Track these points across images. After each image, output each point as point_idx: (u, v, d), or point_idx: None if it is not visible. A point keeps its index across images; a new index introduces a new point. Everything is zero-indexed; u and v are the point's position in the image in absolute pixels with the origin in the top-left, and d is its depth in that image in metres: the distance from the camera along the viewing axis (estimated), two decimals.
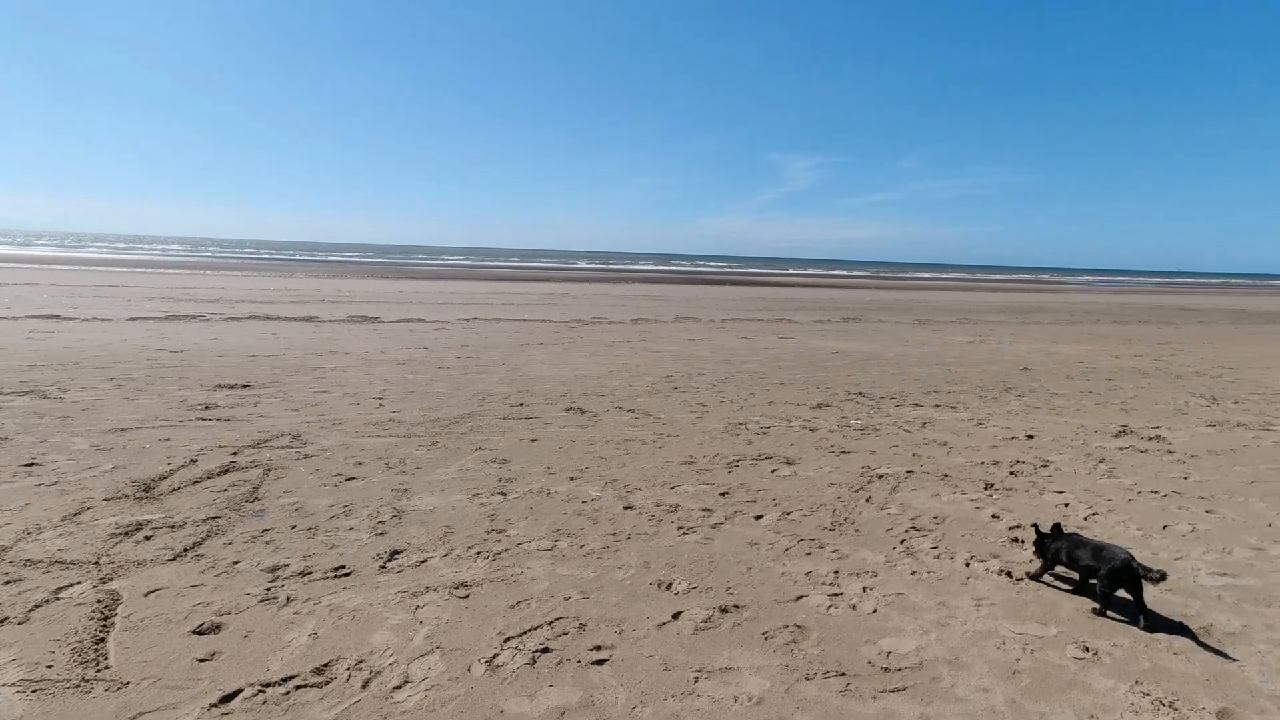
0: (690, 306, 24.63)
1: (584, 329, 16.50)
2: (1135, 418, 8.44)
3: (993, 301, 34.81)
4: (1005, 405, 8.99)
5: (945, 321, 21.68)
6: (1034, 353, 14.47)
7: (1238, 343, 17.91)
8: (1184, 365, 13.20)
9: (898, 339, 16.37)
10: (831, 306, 26.79)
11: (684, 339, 15.04)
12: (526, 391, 9.00)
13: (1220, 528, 4.95)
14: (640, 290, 34.01)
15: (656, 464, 6.10)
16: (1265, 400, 9.83)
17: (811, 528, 4.75)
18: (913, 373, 11.41)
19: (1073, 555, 3.80)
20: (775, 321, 19.87)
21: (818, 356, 12.99)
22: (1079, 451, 6.87)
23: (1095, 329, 20.81)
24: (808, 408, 8.54)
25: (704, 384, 9.88)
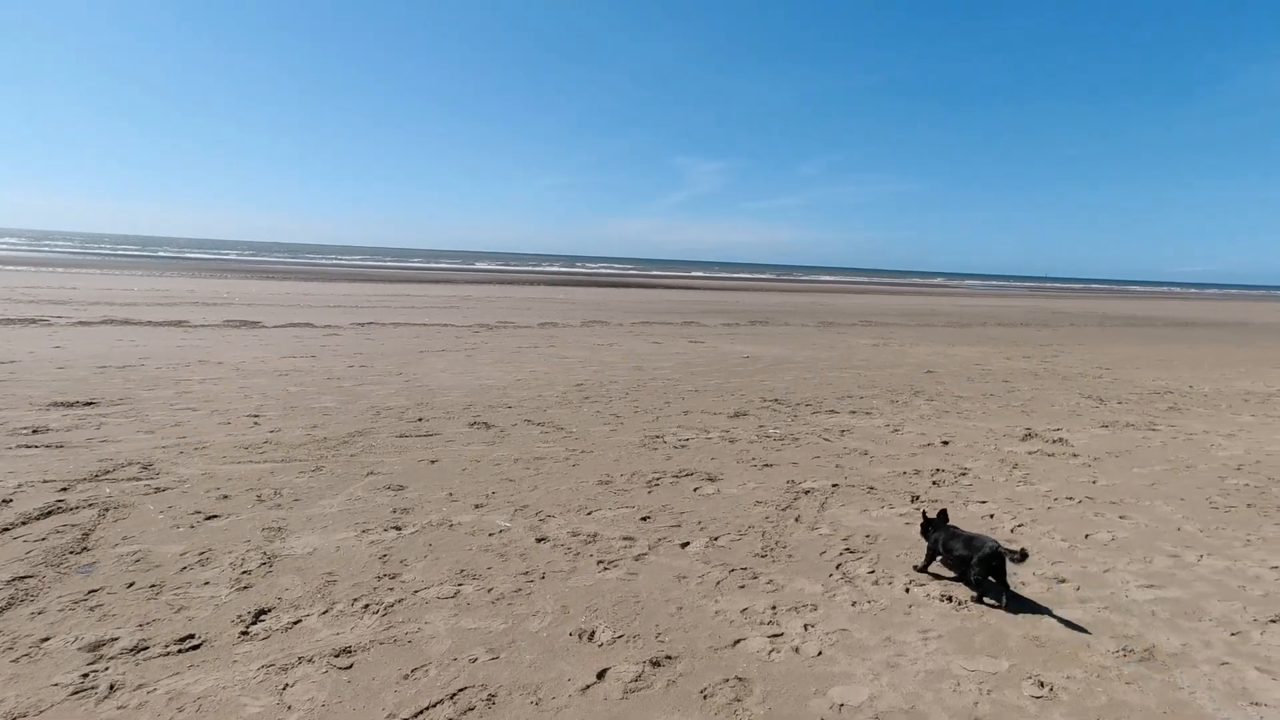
0: (598, 310, 24.20)
1: (489, 334, 15.74)
2: (1036, 420, 8.67)
3: (890, 304, 36.34)
4: (916, 410, 9.05)
5: (849, 324, 22.26)
6: (934, 355, 14.93)
7: (1107, 344, 19.26)
8: (1068, 366, 13.94)
9: (806, 342, 16.55)
10: (739, 309, 27.04)
11: (593, 344, 14.57)
12: (426, 404, 8.27)
13: (1136, 535, 4.97)
14: (546, 293, 33.26)
15: (571, 485, 5.60)
16: (1143, 400, 10.40)
17: (742, 555, 4.39)
18: (824, 377, 11.42)
19: (948, 546, 4.00)
20: (685, 325, 19.74)
21: (730, 361, 12.85)
22: (993, 457, 6.90)
23: (984, 331, 21.92)
24: (725, 417, 8.27)
25: (616, 393, 9.45)
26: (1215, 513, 5.50)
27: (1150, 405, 9.96)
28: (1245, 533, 5.10)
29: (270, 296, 23.86)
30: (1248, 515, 5.46)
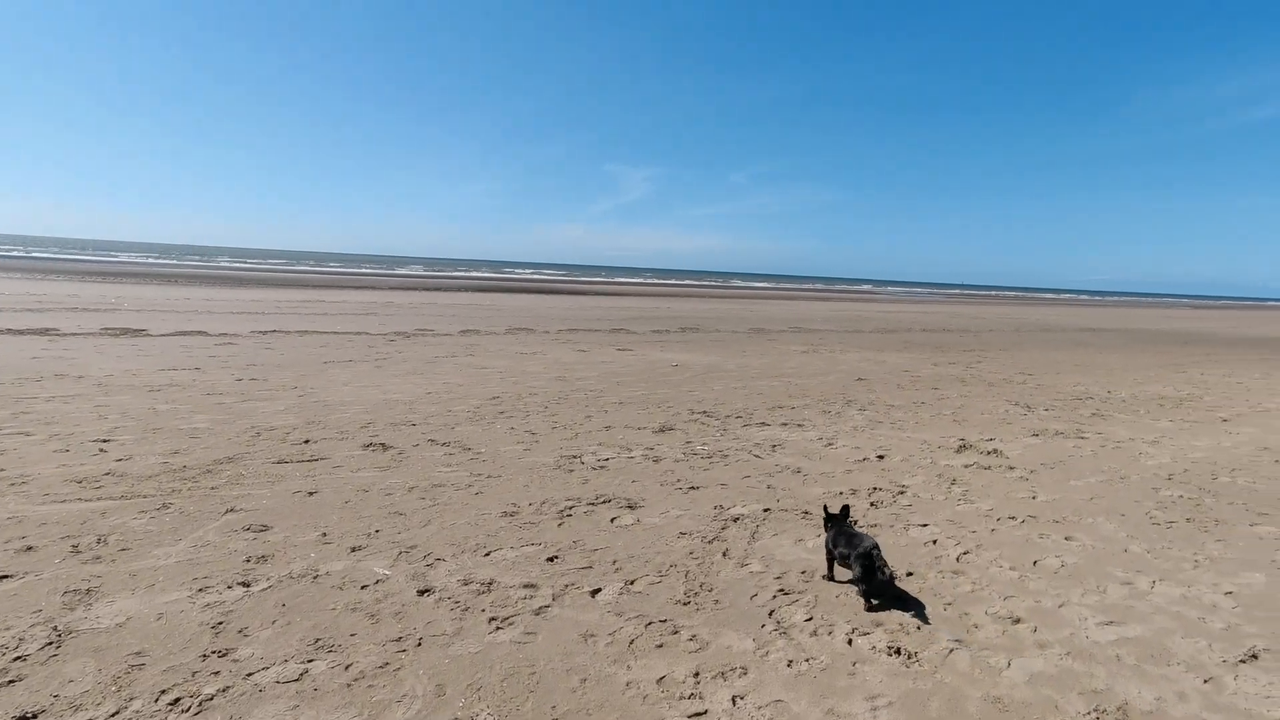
0: (525, 317, 23.34)
1: (404, 343, 14.72)
2: (969, 429, 8.43)
3: (819, 311, 36.71)
4: (849, 420, 8.69)
5: (779, 331, 22.13)
6: (864, 362, 14.79)
7: (1025, 350, 19.70)
8: (992, 372, 14.01)
9: (737, 350, 16.19)
10: (669, 316, 26.64)
11: (516, 353, 13.78)
12: (318, 423, 7.36)
13: (1085, 559, 4.62)
14: (473, 299, 32.09)
15: (470, 518, 4.88)
16: (1066, 406, 10.39)
17: (662, 602, 3.78)
18: (755, 386, 11.00)
19: (834, 541, 3.99)
20: (613, 332, 19.13)
21: (658, 370, 12.30)
22: (930, 472, 6.54)
23: (911, 337, 22.16)
24: (650, 432, 7.68)
25: (535, 406, 8.73)
26: (1158, 530, 5.24)
27: (1075, 411, 9.93)
28: (1191, 552, 4.83)
29: (166, 302, 21.98)
30: (1189, 531, 5.22)
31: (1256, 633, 3.73)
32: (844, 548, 3.89)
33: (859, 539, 3.84)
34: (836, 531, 4.00)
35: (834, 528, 4.04)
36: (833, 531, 4.02)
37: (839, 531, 3.98)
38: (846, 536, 3.92)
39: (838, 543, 3.95)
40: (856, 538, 3.86)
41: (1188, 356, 19.18)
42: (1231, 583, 4.35)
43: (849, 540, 3.88)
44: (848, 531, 3.96)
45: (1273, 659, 3.48)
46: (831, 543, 4.00)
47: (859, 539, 3.84)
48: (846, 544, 3.88)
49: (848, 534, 3.93)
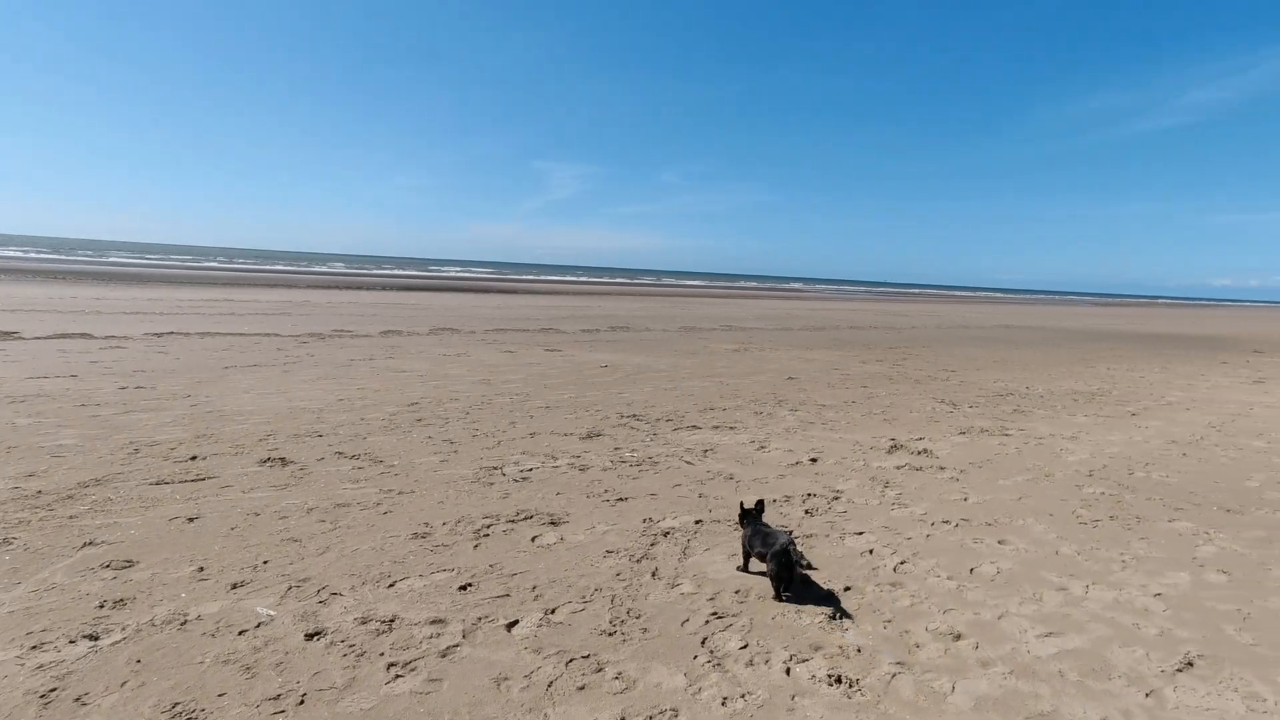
0: (451, 316, 22.54)
1: (318, 345, 13.85)
2: (899, 429, 8.42)
3: (750, 309, 37.04)
4: (782, 422, 8.55)
5: (711, 330, 22.08)
6: (795, 360, 14.82)
7: (948, 346, 20.27)
8: (918, 370, 14.26)
9: (668, 349, 15.98)
10: (600, 315, 26.27)
11: (439, 354, 13.15)
12: (209, 436, 6.68)
13: (1019, 564, 4.53)
14: (397, 298, 30.88)
15: (375, 543, 4.41)
16: (990, 402, 10.60)
17: (585, 634, 3.44)
18: (686, 387, 10.78)
19: (751, 542, 4.08)
20: (542, 332, 18.63)
21: (587, 371, 11.93)
22: (863, 475, 6.42)
23: (839, 335, 22.51)
24: (577, 438, 7.31)
25: (455, 412, 8.23)
26: (1085, 529, 5.23)
27: (997, 408, 10.11)
28: (1118, 552, 4.82)
29: (47, 301, 20.15)
30: (1114, 530, 5.24)
31: (1188, 637, 3.68)
32: (760, 546, 3.99)
33: (774, 536, 3.94)
34: (753, 531, 4.10)
35: (750, 524, 4.17)
36: (749, 529, 4.14)
37: (755, 531, 4.09)
38: (762, 535, 4.03)
39: (754, 542, 4.06)
40: (771, 535, 3.97)
41: (1094, 352, 20.14)
42: (1159, 583, 4.33)
43: (764, 539, 3.99)
44: (764, 530, 4.07)
45: (1207, 665, 3.42)
46: (749, 542, 4.10)
47: (774, 536, 3.94)
48: (762, 542, 3.99)
49: (764, 533, 4.04)
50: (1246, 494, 6.32)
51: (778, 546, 3.83)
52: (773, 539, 3.93)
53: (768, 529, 4.09)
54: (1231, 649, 3.59)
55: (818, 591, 4.00)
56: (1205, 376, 15.01)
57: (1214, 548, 4.99)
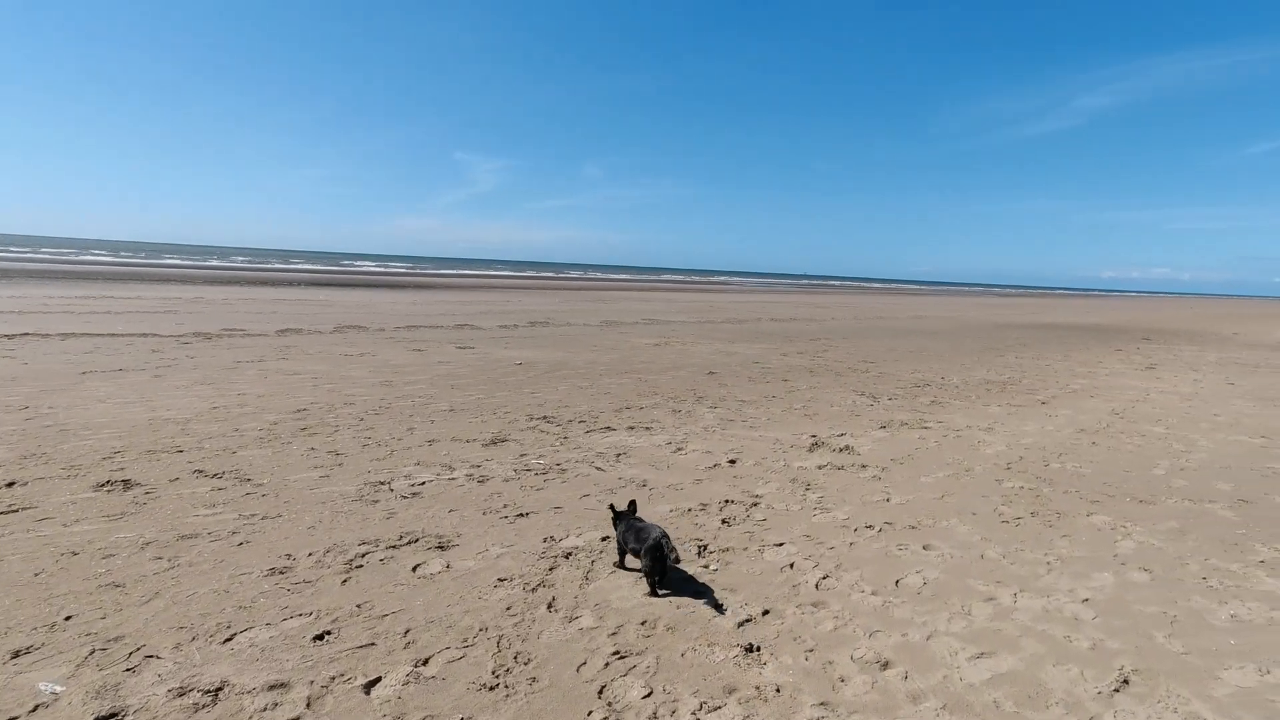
0: (360, 313, 21.28)
1: (202, 346, 12.63)
2: (820, 424, 8.19)
3: (673, 303, 36.85)
4: (700, 420, 8.18)
5: (631, 324, 21.66)
6: (715, 354, 14.55)
7: (866, 338, 20.54)
8: (837, 361, 14.25)
9: (586, 344, 15.45)
10: (519, 310, 25.44)
11: (339, 355, 12.19)
12: (40, 455, 5.74)
13: (945, 573, 4.26)
14: (303, 295, 29.09)
15: (220, 583, 3.72)
16: (908, 394, 10.57)
17: (461, 689, 2.90)
18: (603, 384, 10.29)
19: (625, 539, 4.02)
20: (457, 329, 17.75)
21: (500, 370, 11.26)
22: (784, 477, 6.09)
23: (760, 328, 22.50)
24: (480, 445, 6.71)
25: (348, 419, 7.47)
26: (1008, 529, 5.05)
27: (915, 399, 10.08)
28: (1043, 553, 4.63)
29: None
30: (1036, 528, 5.07)
31: (1120, 648, 3.46)
32: (634, 542, 3.92)
33: (647, 531, 3.86)
34: (626, 527, 4.04)
35: (623, 523, 4.09)
36: (622, 528, 4.07)
37: (629, 527, 4.02)
38: (635, 531, 3.95)
39: (628, 539, 3.99)
40: (644, 531, 3.89)
41: (1002, 342, 20.83)
42: (1085, 587, 4.14)
43: (638, 534, 3.91)
44: (636, 525, 3.98)
45: (1142, 682, 3.19)
46: (623, 539, 4.05)
47: (647, 531, 3.86)
48: (635, 538, 3.92)
49: (636, 528, 3.97)
50: (1155, 483, 6.34)
51: (650, 541, 3.77)
52: (645, 534, 3.85)
53: (641, 524, 4.00)
54: (1163, 660, 3.38)
55: (733, 618, 3.59)
56: (1103, 364, 15.64)
57: (1132, 543, 4.88)
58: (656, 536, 3.77)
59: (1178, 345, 21.69)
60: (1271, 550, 4.86)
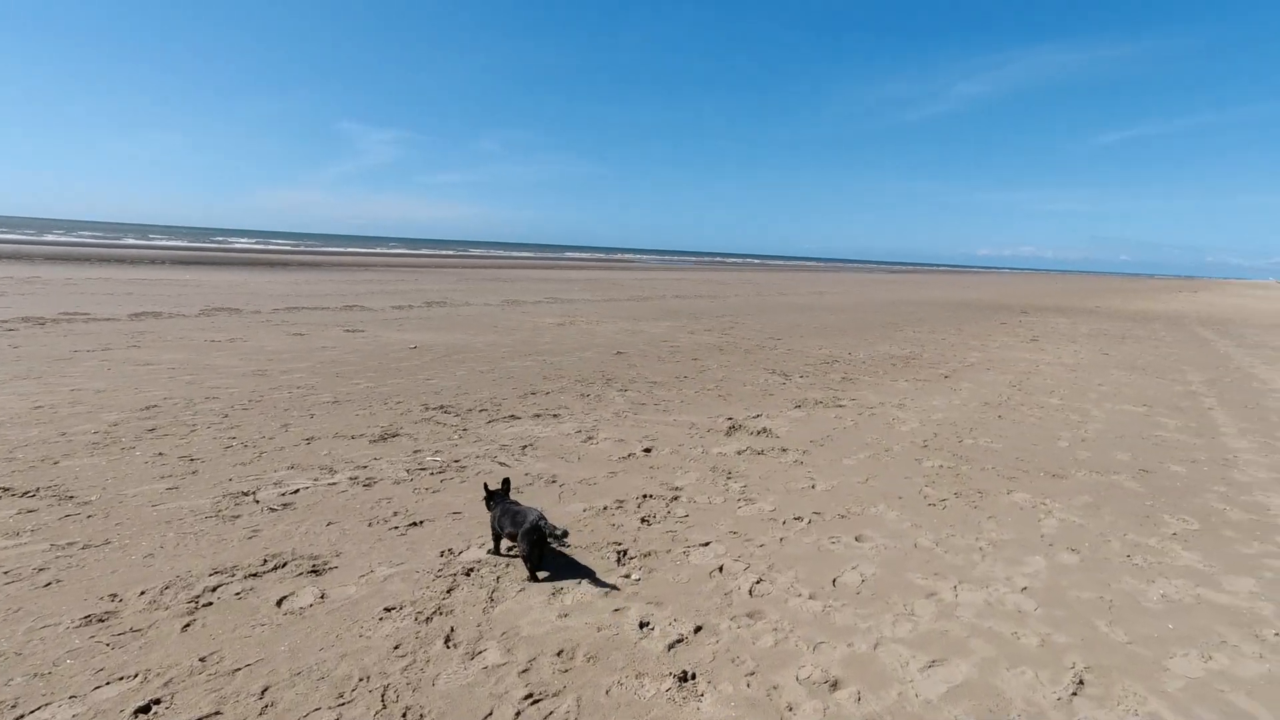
0: (232, 294, 19.37)
1: (30, 333, 10.92)
2: (735, 406, 7.89)
3: (577, 280, 36.09)
4: (611, 405, 7.70)
5: (534, 302, 20.87)
6: (622, 333, 14.10)
7: (771, 315, 20.67)
8: (746, 339, 14.12)
9: (487, 325, 14.61)
10: (414, 290, 24.02)
11: (204, 340, 10.85)
12: None
13: (882, 567, 3.99)
14: (165, 274, 26.31)
15: (10, 643, 2.91)
16: (818, 371, 10.51)
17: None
18: (505, 368, 9.61)
19: (500, 522, 3.83)
20: (345, 310, 16.42)
21: (392, 354, 10.34)
22: (703, 465, 5.71)
23: (664, 304, 22.24)
24: (367, 441, 5.96)
25: (209, 416, 6.49)
26: (936, 512, 4.88)
27: (826, 376, 10.01)
28: (974, 537, 4.46)
29: None
30: (963, 511, 4.93)
31: (1067, 642, 3.28)
32: (510, 525, 3.74)
33: (523, 514, 3.70)
34: (502, 510, 3.85)
35: (498, 505, 3.89)
36: (497, 510, 3.87)
37: (504, 509, 3.83)
38: (511, 513, 3.77)
39: (503, 522, 3.81)
40: (521, 513, 3.72)
41: (899, 316, 21.51)
42: (1021, 574, 3.98)
43: (514, 517, 3.74)
44: (512, 508, 3.80)
45: (1097, 681, 3.00)
46: (498, 522, 3.85)
47: (523, 514, 3.70)
48: (511, 521, 3.74)
49: (512, 510, 3.79)
50: (1061, 455, 6.42)
51: (527, 524, 3.60)
52: (522, 516, 3.68)
53: (517, 506, 3.81)
54: (1111, 653, 3.21)
55: (661, 639, 3.14)
56: (993, 337, 16.35)
57: (1055, 520, 4.81)
58: (534, 519, 3.61)
59: (1052, 318, 23.16)
60: (1179, 521, 4.93)
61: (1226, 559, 4.31)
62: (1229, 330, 20.84)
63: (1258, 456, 6.66)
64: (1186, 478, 5.90)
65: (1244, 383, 10.96)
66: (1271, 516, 5.10)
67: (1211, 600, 3.78)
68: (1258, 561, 4.31)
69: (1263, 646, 3.34)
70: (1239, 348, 16.14)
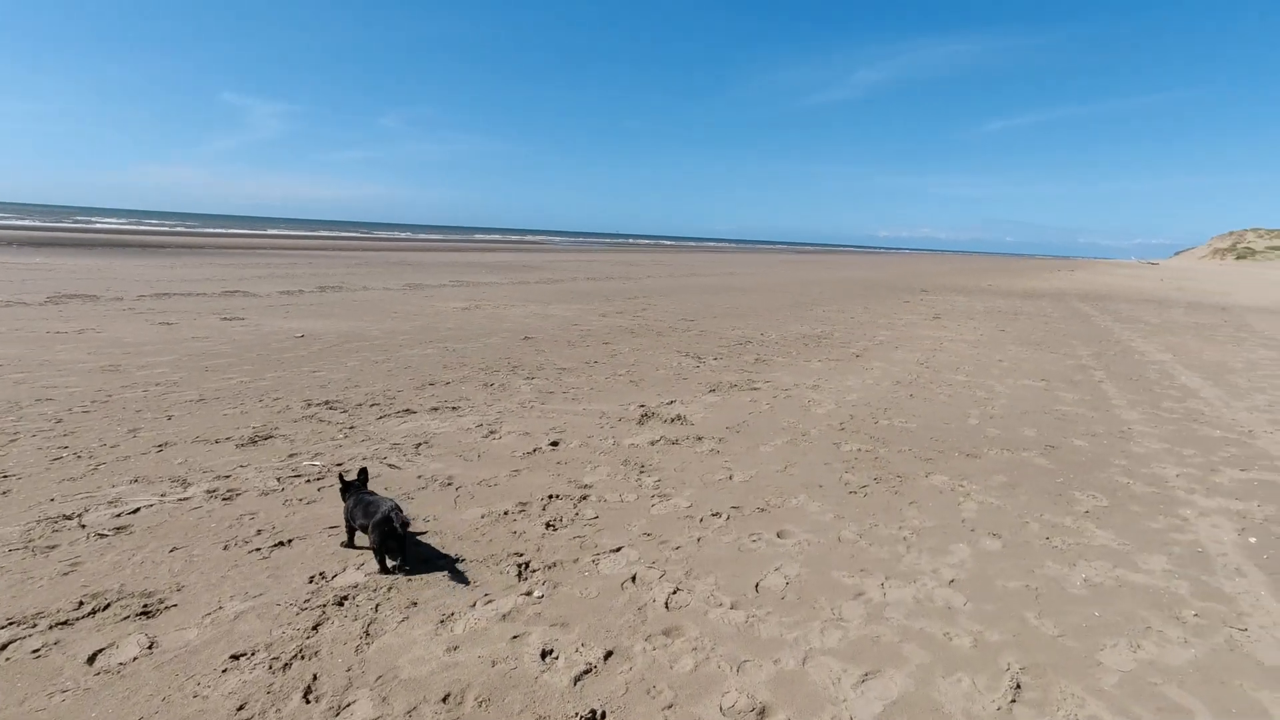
0: (90, 280, 17.40)
1: None
2: (647, 391, 7.54)
3: (486, 262, 34.87)
4: (517, 394, 7.18)
5: (438, 286, 19.85)
6: (531, 317, 13.50)
7: (683, 296, 20.49)
8: (658, 320, 13.81)
9: (386, 310, 13.67)
10: (308, 274, 22.43)
11: (46, 333, 9.52)
12: None
13: (806, 565, 3.72)
14: (9, 258, 23.48)
15: None
16: (731, 352, 10.31)
17: None
18: (403, 357, 8.89)
19: (353, 515, 3.64)
20: (224, 296, 15.01)
21: (274, 344, 9.40)
22: (614, 459, 5.32)
23: (575, 286, 21.69)
24: (233, 446, 5.22)
25: (37, 422, 5.55)
26: (856, 500, 4.68)
27: (740, 358, 9.82)
28: (896, 526, 4.28)
29: None
30: (884, 498, 4.75)
31: (1000, 640, 3.09)
32: (362, 517, 3.54)
33: (376, 505, 3.51)
34: (355, 501, 3.65)
35: (352, 496, 3.71)
36: (350, 501, 3.68)
37: (357, 501, 3.64)
38: (364, 504, 3.58)
39: (356, 514, 3.61)
40: (374, 504, 3.53)
41: (808, 296, 21.80)
42: (946, 564, 3.80)
43: (366, 508, 3.54)
44: (365, 499, 3.61)
45: (1033, 682, 2.81)
46: (350, 515, 3.65)
47: (376, 505, 3.51)
48: (364, 512, 3.54)
49: (365, 501, 3.60)
50: (973, 434, 6.41)
51: (379, 515, 3.40)
52: (374, 507, 3.48)
53: (371, 497, 3.63)
54: (1044, 649, 3.04)
55: (567, 670, 2.73)
56: (898, 315, 16.74)
57: (974, 504, 4.70)
58: (386, 510, 3.41)
59: (951, 297, 24.11)
60: (1089, 497, 4.93)
61: (1137, 536, 4.30)
62: (1105, 306, 22.28)
63: (1148, 428, 6.89)
64: (1090, 452, 5.99)
65: (1126, 355, 11.57)
66: (1169, 489, 5.19)
67: (1130, 581, 3.71)
68: (1165, 536, 4.33)
69: (1185, 630, 3.26)
70: (1116, 322, 17.20)
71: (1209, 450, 6.18)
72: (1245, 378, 9.84)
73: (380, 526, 3.38)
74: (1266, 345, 13.63)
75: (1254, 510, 4.81)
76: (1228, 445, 6.36)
